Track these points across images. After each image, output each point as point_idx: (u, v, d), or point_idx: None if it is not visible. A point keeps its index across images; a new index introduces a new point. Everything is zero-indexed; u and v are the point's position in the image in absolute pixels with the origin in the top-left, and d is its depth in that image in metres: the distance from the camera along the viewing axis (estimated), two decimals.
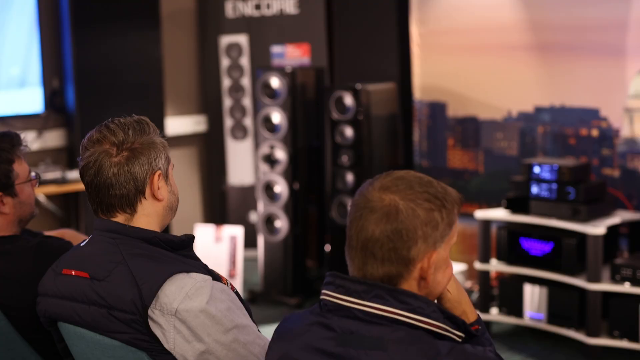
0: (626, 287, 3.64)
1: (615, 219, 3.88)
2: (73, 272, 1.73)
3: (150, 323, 1.61)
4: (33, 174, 2.18)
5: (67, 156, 4.89)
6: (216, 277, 1.70)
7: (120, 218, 1.74)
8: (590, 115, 4.29)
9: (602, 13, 4.18)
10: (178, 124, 5.52)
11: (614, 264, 3.68)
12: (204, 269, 1.70)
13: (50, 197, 4.70)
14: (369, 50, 5.27)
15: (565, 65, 4.35)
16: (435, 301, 1.47)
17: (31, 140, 4.65)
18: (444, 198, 1.41)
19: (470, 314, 1.55)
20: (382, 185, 1.41)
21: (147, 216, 1.75)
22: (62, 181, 4.49)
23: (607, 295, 3.71)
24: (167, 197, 1.78)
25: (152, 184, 1.74)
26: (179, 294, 1.61)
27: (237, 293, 1.73)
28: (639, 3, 4.06)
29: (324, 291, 1.44)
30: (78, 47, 4.75)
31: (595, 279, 3.69)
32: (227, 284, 1.72)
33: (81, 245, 1.81)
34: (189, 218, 5.51)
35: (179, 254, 1.72)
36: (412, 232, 1.38)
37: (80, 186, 4.43)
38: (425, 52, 4.91)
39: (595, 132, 4.28)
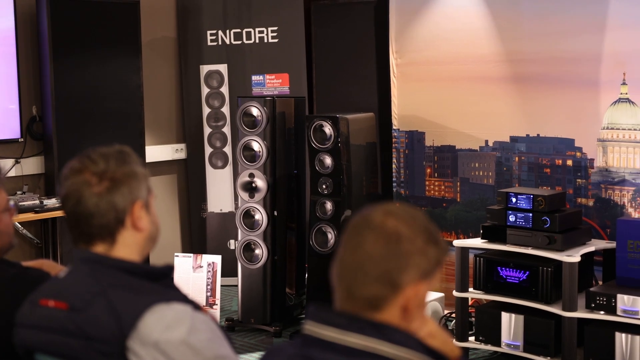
0: (601, 315, 3.68)
1: (590, 247, 3.93)
2: (51, 303, 1.72)
3: (130, 355, 1.61)
4: (12, 202, 2.17)
5: (44, 183, 4.87)
6: (196, 307, 1.70)
7: (100, 248, 1.74)
8: (565, 146, 4.36)
9: (577, 46, 4.26)
10: (157, 152, 5.52)
11: (589, 292, 3.73)
12: (185, 299, 1.70)
13: (27, 224, 4.67)
14: (348, 80, 5.32)
15: (540, 97, 4.43)
16: None
17: (9, 167, 4.63)
18: (438, 238, 1.46)
19: (450, 352, 1.55)
20: (385, 210, 1.44)
21: (127, 246, 1.75)
22: (40, 208, 4.47)
23: (582, 322, 3.75)
24: (147, 228, 1.78)
25: (133, 214, 1.74)
26: (159, 324, 1.61)
27: (217, 324, 1.74)
28: (612, 38, 4.15)
29: (306, 324, 1.45)
30: (57, 74, 4.76)
31: (571, 307, 3.72)
32: (208, 314, 1.72)
33: (60, 275, 1.80)
34: (168, 245, 5.50)
35: (158, 284, 1.73)
36: (408, 257, 1.40)
37: (58, 213, 4.43)
38: (403, 82, 4.97)
39: (570, 162, 4.35)
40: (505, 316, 3.98)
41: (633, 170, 4.14)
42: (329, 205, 4.54)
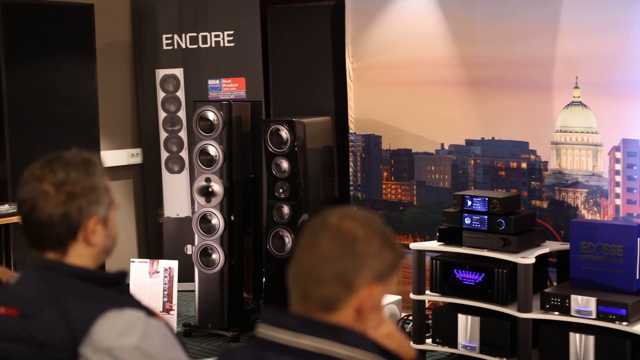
0: (555, 316, 3.73)
1: (544, 249, 3.99)
2: (2, 310, 1.69)
3: None
4: None
5: None
6: (150, 313, 1.69)
7: (51, 256, 1.72)
8: (520, 149, 4.42)
9: (530, 50, 4.33)
10: (113, 157, 5.46)
11: (543, 293, 3.78)
12: (138, 305, 1.69)
13: None
14: (304, 84, 5.33)
15: (495, 100, 4.48)
16: None
17: None
18: (394, 243, 1.47)
19: (405, 354, 1.56)
20: (342, 213, 1.45)
21: (78, 257, 1.72)
22: None
23: (537, 323, 3.80)
24: (101, 242, 1.75)
25: (87, 229, 1.71)
26: (112, 330, 1.59)
27: (170, 330, 1.72)
28: (564, 41, 4.22)
29: (260, 328, 1.45)
30: (10, 78, 4.68)
31: (526, 308, 3.77)
32: (161, 320, 1.71)
33: (11, 281, 1.78)
34: (124, 251, 5.44)
35: (111, 290, 1.71)
36: (362, 259, 1.40)
37: (11, 219, 4.35)
38: (360, 86, 4.99)
39: (524, 165, 4.41)
40: (461, 318, 4.02)
41: (586, 172, 4.21)
42: (285, 210, 4.54)
